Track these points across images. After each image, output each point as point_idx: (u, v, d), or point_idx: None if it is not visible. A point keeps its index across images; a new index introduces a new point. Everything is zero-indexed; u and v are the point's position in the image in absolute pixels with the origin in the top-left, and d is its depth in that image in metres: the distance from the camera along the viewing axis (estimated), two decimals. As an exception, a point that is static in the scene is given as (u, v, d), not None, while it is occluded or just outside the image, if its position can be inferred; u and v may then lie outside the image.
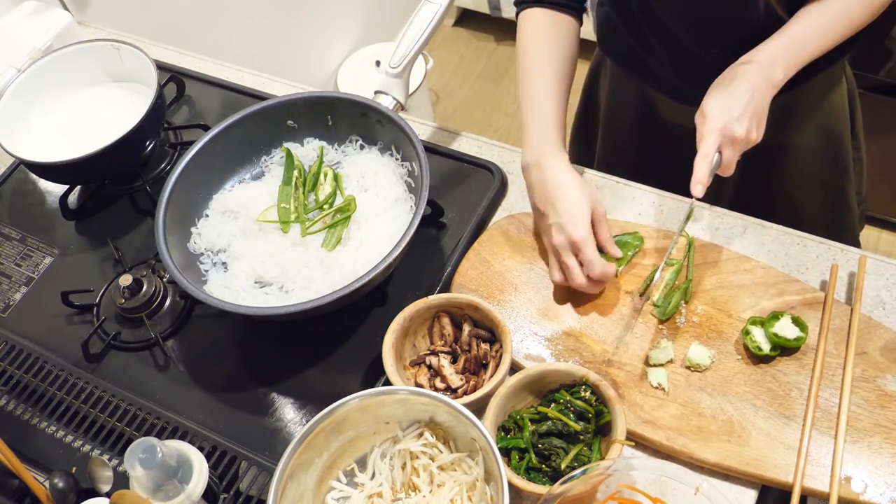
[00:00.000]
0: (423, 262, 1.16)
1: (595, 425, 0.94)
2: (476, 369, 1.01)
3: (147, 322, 1.16)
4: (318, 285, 1.09)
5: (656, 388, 0.99)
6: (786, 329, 0.99)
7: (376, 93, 1.19)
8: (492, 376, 0.98)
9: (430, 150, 1.25)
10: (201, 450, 0.96)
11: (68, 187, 1.33)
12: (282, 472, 0.88)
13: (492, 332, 1.02)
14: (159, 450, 0.87)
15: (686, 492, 0.87)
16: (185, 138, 1.38)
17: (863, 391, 0.95)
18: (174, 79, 1.43)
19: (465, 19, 3.10)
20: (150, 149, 1.34)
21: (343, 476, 0.97)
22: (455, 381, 1.00)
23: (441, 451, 0.94)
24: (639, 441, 0.97)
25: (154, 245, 1.09)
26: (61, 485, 0.96)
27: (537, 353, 1.04)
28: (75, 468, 1.02)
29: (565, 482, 0.86)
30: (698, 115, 0.99)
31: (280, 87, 1.44)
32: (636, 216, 1.16)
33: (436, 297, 1.03)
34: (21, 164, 1.36)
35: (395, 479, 0.96)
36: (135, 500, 0.87)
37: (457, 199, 1.21)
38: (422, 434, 0.95)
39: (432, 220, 1.19)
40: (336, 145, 1.23)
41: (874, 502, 0.89)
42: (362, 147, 1.22)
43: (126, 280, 1.15)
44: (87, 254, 1.28)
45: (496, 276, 1.11)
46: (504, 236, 1.15)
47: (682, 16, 1.14)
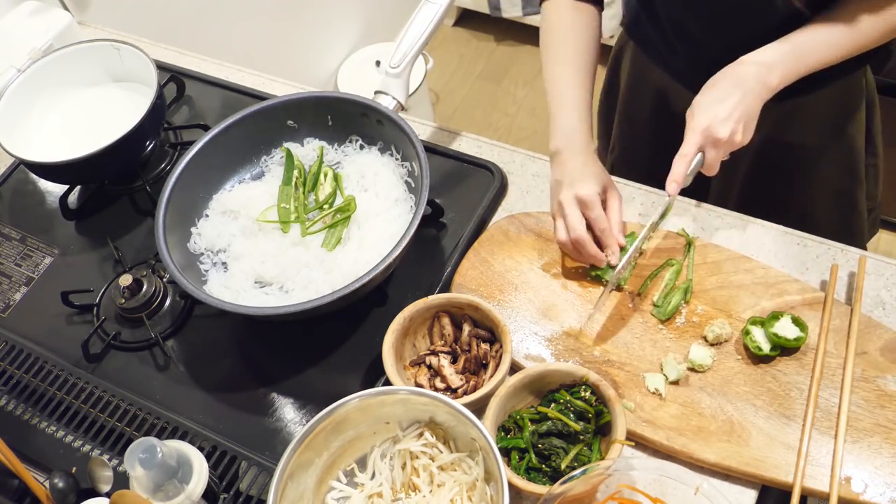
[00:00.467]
0: (423, 262, 1.16)
1: (595, 425, 0.94)
2: (476, 369, 1.01)
3: (147, 322, 1.16)
4: (318, 285, 1.09)
5: (654, 394, 0.99)
6: (786, 329, 0.99)
7: (376, 93, 1.19)
8: (492, 376, 0.98)
9: (430, 150, 1.25)
10: (201, 450, 0.96)
11: (68, 187, 1.33)
12: (282, 472, 0.88)
13: (492, 332, 1.02)
14: (159, 450, 0.87)
15: (686, 492, 0.87)
16: (185, 138, 1.38)
17: (863, 391, 0.95)
18: (174, 79, 1.43)
19: (465, 19, 3.10)
20: (150, 149, 1.34)
21: (343, 476, 0.97)
22: (455, 381, 1.00)
23: (441, 451, 0.94)
24: (639, 441, 0.97)
25: (154, 245, 1.10)
26: (61, 485, 0.96)
27: (537, 353, 1.04)
28: (75, 468, 1.02)
29: (565, 482, 0.86)
30: (688, 111, 0.99)
31: (280, 87, 1.44)
32: (636, 216, 1.16)
33: (436, 297, 1.03)
34: (21, 164, 1.36)
35: (395, 479, 0.96)
36: (135, 500, 0.87)
37: (457, 199, 1.21)
38: (422, 434, 0.95)
39: (432, 220, 1.19)
40: (336, 145, 1.23)
41: (874, 502, 0.89)
42: (362, 147, 1.22)
43: (126, 280, 1.15)
44: (87, 254, 1.28)
45: (496, 276, 1.11)
46: (504, 236, 1.15)
47: (698, 8, 1.13)
